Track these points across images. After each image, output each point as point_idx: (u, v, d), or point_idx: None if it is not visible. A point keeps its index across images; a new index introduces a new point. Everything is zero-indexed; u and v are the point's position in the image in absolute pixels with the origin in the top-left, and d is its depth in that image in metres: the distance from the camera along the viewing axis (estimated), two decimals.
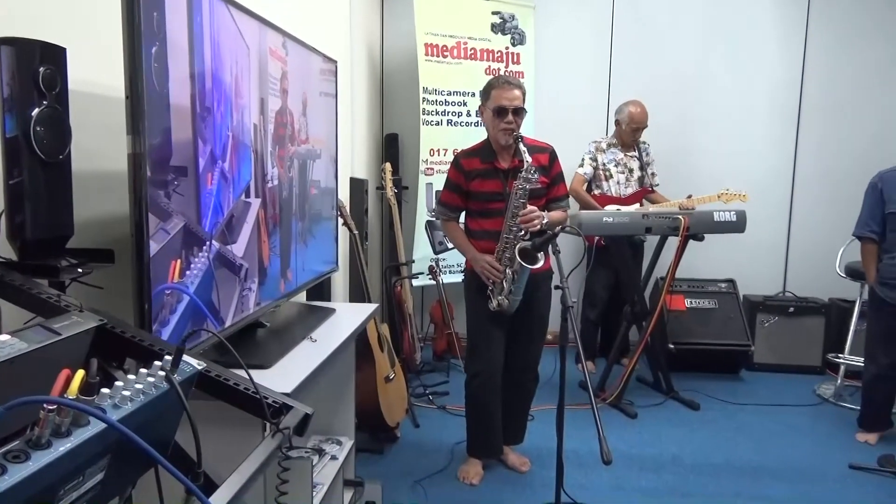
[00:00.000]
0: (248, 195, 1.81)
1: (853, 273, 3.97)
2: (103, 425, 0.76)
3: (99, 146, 1.60)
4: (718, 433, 3.49)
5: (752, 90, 4.77)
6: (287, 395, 1.44)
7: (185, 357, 0.98)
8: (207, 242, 1.57)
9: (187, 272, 1.47)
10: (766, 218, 4.72)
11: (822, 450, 3.31)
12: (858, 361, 3.76)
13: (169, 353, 0.95)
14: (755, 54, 4.75)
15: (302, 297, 2.76)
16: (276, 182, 1.99)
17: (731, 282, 4.58)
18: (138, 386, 0.87)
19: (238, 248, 1.76)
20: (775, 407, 3.87)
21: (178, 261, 1.42)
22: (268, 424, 1.15)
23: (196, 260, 1.52)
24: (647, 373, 4.15)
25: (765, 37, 4.74)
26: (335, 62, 2.54)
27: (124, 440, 0.77)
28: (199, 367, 1.00)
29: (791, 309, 4.47)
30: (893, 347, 3.30)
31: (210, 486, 0.97)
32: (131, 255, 1.28)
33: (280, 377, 1.61)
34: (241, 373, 1.10)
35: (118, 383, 0.85)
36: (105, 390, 0.82)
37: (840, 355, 4.09)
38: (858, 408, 3.54)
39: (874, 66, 4.67)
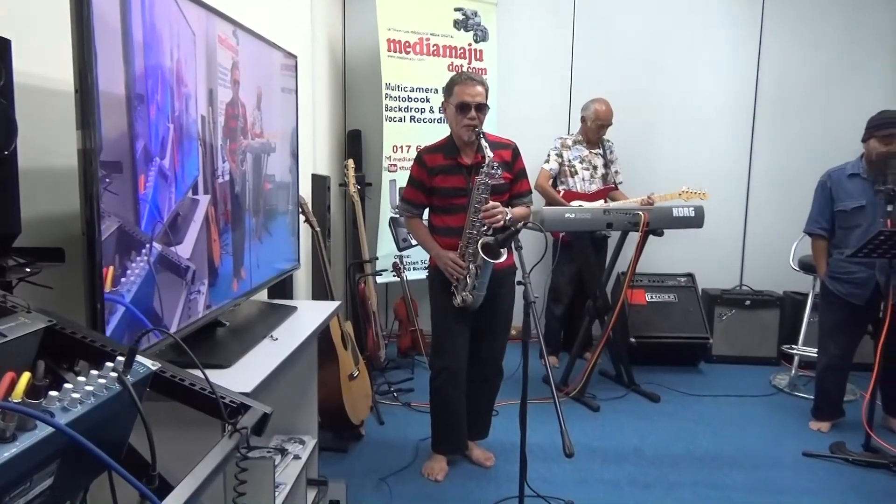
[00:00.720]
0: (195, 192, 1.71)
1: (806, 266, 4.09)
2: (50, 429, 0.73)
3: (48, 142, 1.56)
4: (678, 424, 3.56)
5: (710, 90, 4.87)
6: (246, 394, 1.42)
7: (139, 358, 0.96)
8: (147, 245, 1.47)
9: (122, 279, 1.36)
10: (723, 214, 4.83)
11: (777, 438, 3.40)
12: (812, 352, 3.88)
13: (122, 354, 0.93)
14: (712, 56, 4.85)
15: (263, 296, 2.73)
16: (227, 177, 1.91)
17: (690, 276, 4.67)
18: (89, 388, 0.85)
19: (184, 249, 1.66)
20: (732, 398, 3.96)
21: (111, 268, 1.32)
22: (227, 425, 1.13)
23: (133, 265, 1.41)
24: (610, 366, 4.21)
25: (721, 38, 4.84)
26: (295, 57, 2.51)
27: (74, 444, 0.75)
28: (154, 368, 0.98)
29: (747, 302, 4.58)
30: (843, 338, 3.41)
31: (166, 489, 0.95)
32: (82, 253, 1.24)
33: (239, 377, 1.59)
34: (199, 373, 1.08)
35: (67, 386, 0.82)
36: (53, 393, 0.80)
37: (794, 346, 4.21)
38: (812, 397, 3.65)
39: (825, 68, 4.80)
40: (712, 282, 4.82)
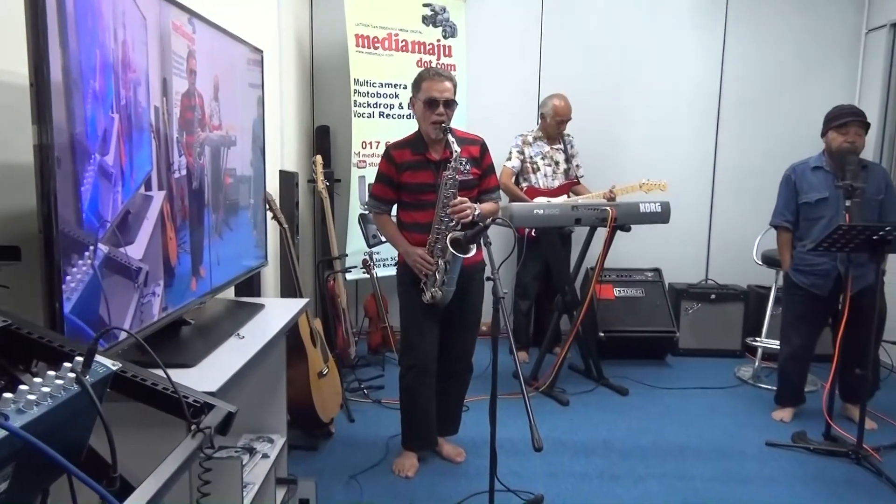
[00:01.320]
0: (148, 188, 1.61)
1: (769, 261, 4.18)
2: (4, 432, 0.71)
3: (2, 137, 1.51)
4: (646, 417, 3.61)
5: (675, 87, 4.94)
6: (211, 393, 1.40)
7: (99, 358, 0.94)
8: (91, 247, 1.35)
9: (62, 286, 1.25)
10: (689, 209, 4.91)
11: (742, 429, 3.47)
12: (775, 344, 3.96)
13: (80, 355, 0.91)
14: (678, 54, 4.92)
15: (230, 294, 2.69)
16: (184, 172, 1.82)
17: (657, 271, 4.74)
18: (46, 389, 0.83)
19: (135, 250, 1.55)
20: (698, 390, 4.03)
21: None
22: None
23: (75, 270, 1.29)
24: (579, 361, 4.25)
25: (686, 37, 4.91)
26: (261, 52, 2.47)
27: (30, 447, 0.73)
28: (114, 368, 0.95)
29: (713, 296, 4.67)
30: (806, 329, 3.50)
31: (128, 491, 0.93)
32: (39, 251, 1.21)
33: (205, 376, 1.56)
34: (162, 372, 1.06)
35: (23, 387, 0.80)
36: (8, 395, 0.78)
37: (757, 339, 4.30)
38: (775, 388, 3.74)
39: (787, 66, 4.91)
40: (679, 276, 4.89)
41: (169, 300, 1.75)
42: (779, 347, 3.71)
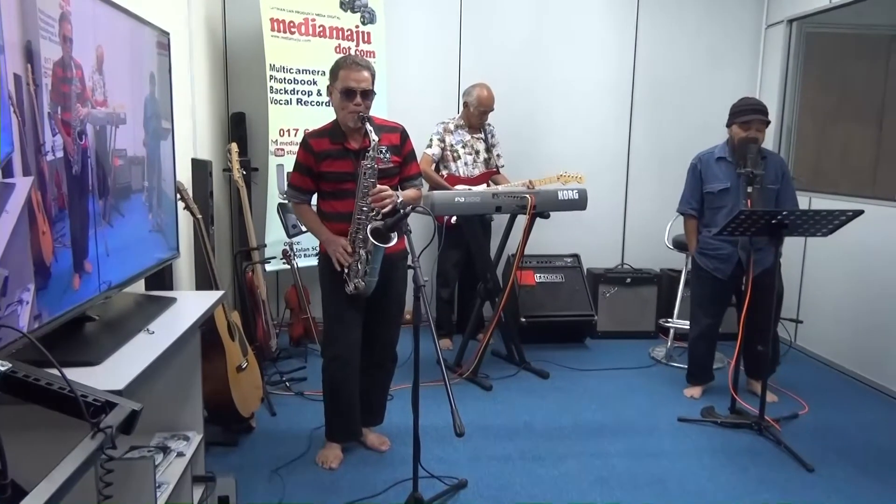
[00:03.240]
0: (7, 173, 1.33)
1: (679, 245, 4.37)
2: None
3: None
4: (566, 398, 3.72)
5: (591, 78, 5.06)
6: (118, 392, 1.34)
7: None
8: None
9: None
10: (605, 196, 5.06)
11: (655, 407, 3.63)
12: (685, 325, 4.15)
13: None
14: (593, 44, 5.04)
15: (140, 287, 2.58)
16: (59, 153, 1.56)
17: (575, 256, 4.87)
18: None
19: None
20: (615, 370, 4.18)
21: None
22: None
23: None
24: (502, 346, 4.32)
25: (600, 27, 5.04)
26: (167, 34, 2.36)
27: None
28: (3, 369, 0.89)
29: (628, 280, 4.84)
30: (713, 309, 3.68)
31: (21, 498, 0.88)
32: None
33: (111, 374, 1.49)
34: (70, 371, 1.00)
35: None
36: None
37: (670, 320, 4.50)
38: (685, 367, 3.92)
39: (695, 59, 5.12)
40: (596, 261, 5.05)
41: (43, 306, 1.48)
42: (688, 327, 3.89)
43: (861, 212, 3.02)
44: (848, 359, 4.19)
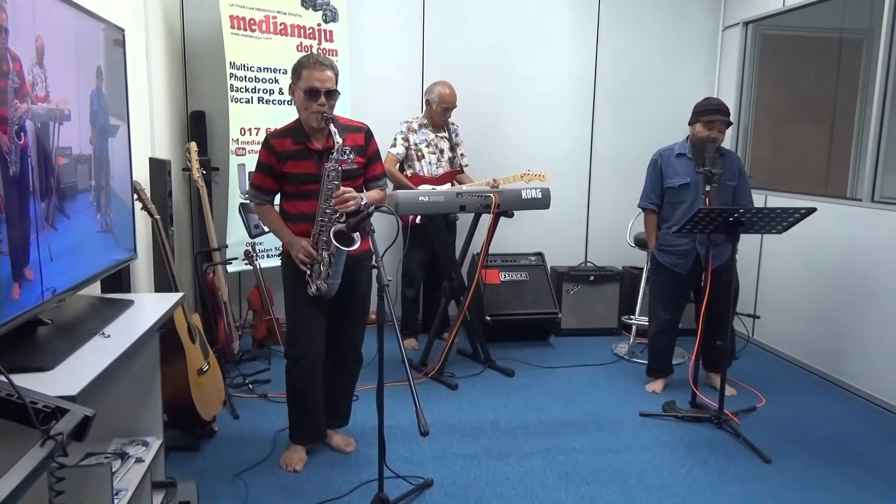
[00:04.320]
0: None
1: (640, 243, 4.44)
2: None
3: None
4: (531, 396, 3.74)
5: (553, 77, 5.11)
6: (71, 397, 1.30)
7: None
8: None
9: None
10: (568, 195, 5.12)
11: (618, 402, 3.68)
12: (647, 321, 4.22)
13: None
14: (555, 43, 5.09)
15: (96, 290, 2.52)
16: None
17: (539, 255, 4.90)
18: None
19: None
20: (579, 367, 4.23)
21: None
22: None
23: None
24: (467, 345, 4.33)
25: (562, 26, 5.09)
26: (122, 30, 2.30)
27: None
28: None
29: (591, 277, 4.90)
30: (671, 305, 3.75)
31: None
32: None
33: (64, 379, 1.45)
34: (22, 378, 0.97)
35: None
36: None
37: (632, 317, 4.57)
38: (647, 362, 3.98)
39: (656, 58, 5.21)
40: (560, 260, 5.10)
41: None
42: (648, 323, 3.96)
43: (814, 209, 3.11)
44: (803, 352, 4.31)
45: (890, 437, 3.31)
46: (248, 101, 4.10)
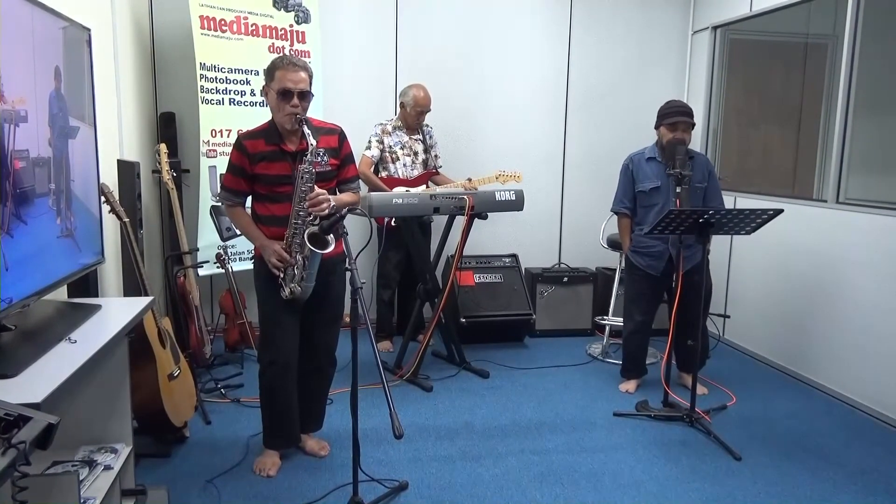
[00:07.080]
0: None
1: (613, 244, 4.49)
2: None
3: None
4: (505, 397, 3.75)
5: (526, 79, 5.14)
6: (35, 405, 1.27)
7: None
8: None
9: None
10: (541, 197, 5.15)
11: (592, 402, 3.71)
12: (620, 322, 4.26)
13: None
14: (528, 46, 5.12)
15: (63, 295, 2.47)
16: None
17: (514, 256, 4.92)
18: None
19: None
20: (553, 368, 4.25)
21: None
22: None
23: None
24: (442, 347, 4.33)
25: (535, 28, 5.12)
26: (87, 29, 2.26)
27: None
28: None
29: (565, 279, 4.93)
30: (645, 305, 3.79)
31: None
32: None
33: (28, 386, 1.42)
34: None
35: None
36: None
37: (605, 317, 4.61)
38: (620, 362, 4.02)
39: (627, 61, 5.27)
40: (534, 261, 5.13)
41: None
42: (622, 323, 4.00)
43: (781, 211, 3.17)
44: (772, 351, 4.39)
45: (852, 432, 3.38)
46: (219, 103, 4.05)
